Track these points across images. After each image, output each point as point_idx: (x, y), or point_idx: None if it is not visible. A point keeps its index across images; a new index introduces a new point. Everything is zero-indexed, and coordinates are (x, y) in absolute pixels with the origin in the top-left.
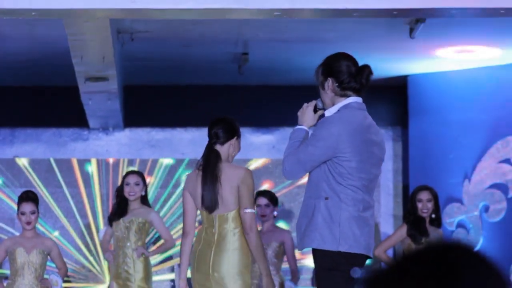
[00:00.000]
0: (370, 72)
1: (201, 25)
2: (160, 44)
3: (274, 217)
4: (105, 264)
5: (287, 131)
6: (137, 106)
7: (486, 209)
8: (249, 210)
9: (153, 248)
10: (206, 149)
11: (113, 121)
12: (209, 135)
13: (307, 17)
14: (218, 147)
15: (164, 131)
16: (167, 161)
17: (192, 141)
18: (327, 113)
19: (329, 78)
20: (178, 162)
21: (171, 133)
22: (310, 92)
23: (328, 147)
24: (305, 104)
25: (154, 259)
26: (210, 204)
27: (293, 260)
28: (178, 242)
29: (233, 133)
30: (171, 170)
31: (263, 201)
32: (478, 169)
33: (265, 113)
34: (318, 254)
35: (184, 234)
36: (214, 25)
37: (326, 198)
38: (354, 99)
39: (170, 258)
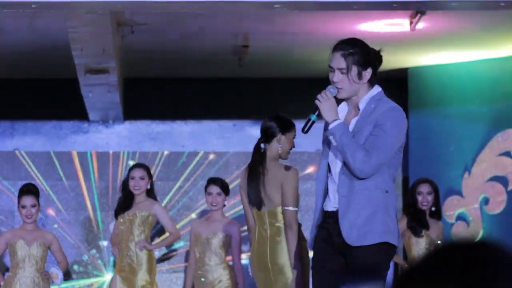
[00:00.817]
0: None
1: (202, 18)
2: (160, 36)
3: (224, 205)
4: (107, 258)
5: None
6: (137, 98)
7: (486, 201)
8: (290, 208)
9: (157, 240)
10: (254, 147)
11: (113, 114)
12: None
13: (307, 9)
14: (265, 145)
15: (164, 123)
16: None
17: (192, 133)
18: (364, 102)
19: (369, 68)
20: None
21: (171, 125)
22: (310, 85)
23: (403, 137)
24: (324, 95)
25: (160, 251)
26: (254, 200)
27: (237, 256)
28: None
29: (277, 130)
30: (172, 162)
31: (214, 189)
32: (478, 161)
33: (265, 106)
34: (383, 247)
35: (248, 230)
36: (215, 17)
37: (387, 191)
38: (380, 88)
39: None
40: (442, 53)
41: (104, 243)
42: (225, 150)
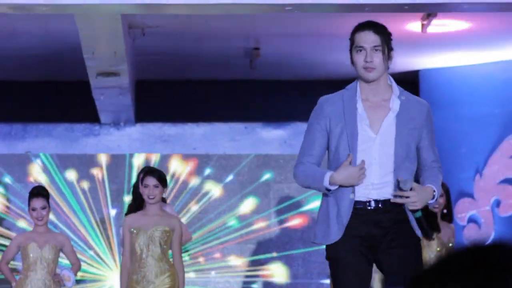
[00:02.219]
0: None
1: (213, 20)
2: (172, 39)
3: (163, 199)
4: (118, 261)
5: (298, 126)
6: (148, 101)
7: (498, 204)
8: None
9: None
10: None
11: (124, 116)
12: None
13: (318, 11)
14: None
15: (176, 126)
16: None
17: (204, 136)
18: (395, 94)
19: (392, 51)
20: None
21: (182, 128)
22: (321, 87)
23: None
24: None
25: None
26: None
27: (178, 252)
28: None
29: None
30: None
31: (151, 181)
32: (490, 163)
33: (276, 108)
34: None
35: None
36: (226, 20)
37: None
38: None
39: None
40: (453, 55)
41: (116, 245)
42: (237, 153)
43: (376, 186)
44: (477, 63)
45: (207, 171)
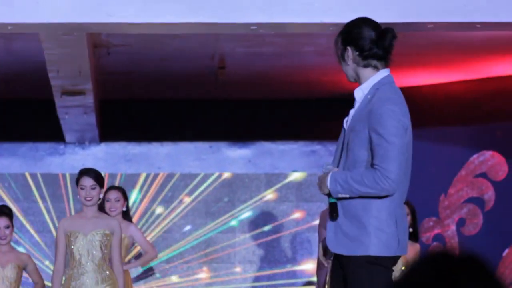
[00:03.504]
0: (394, 36)
1: (178, 39)
2: (136, 58)
3: (99, 200)
4: None
5: (263, 145)
6: (113, 120)
7: (463, 223)
8: None
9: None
10: None
11: (89, 135)
12: None
13: (283, 31)
14: None
15: (141, 145)
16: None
17: (168, 155)
18: (359, 92)
19: (348, 47)
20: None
21: (147, 147)
22: (287, 106)
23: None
24: (318, 181)
25: (135, 272)
26: None
27: (118, 256)
28: (166, 255)
29: None
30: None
31: (88, 182)
32: (454, 183)
33: (241, 127)
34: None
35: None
36: (191, 39)
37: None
38: (386, 72)
39: (151, 269)
40: (418, 75)
41: None
42: (201, 172)
43: None
44: (442, 83)
45: (172, 190)
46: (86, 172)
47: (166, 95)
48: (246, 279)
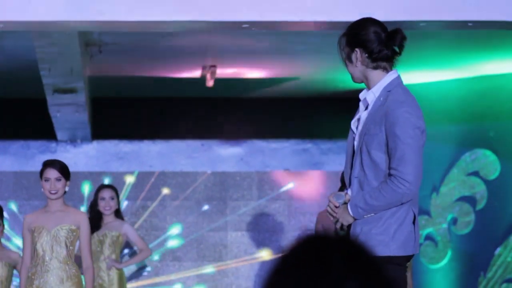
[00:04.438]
0: (404, 37)
1: (170, 38)
2: (128, 56)
3: (65, 192)
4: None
5: (255, 143)
6: (105, 118)
7: (454, 221)
8: None
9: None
10: None
11: (81, 134)
12: None
13: (274, 29)
14: None
15: (132, 143)
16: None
17: (160, 153)
18: (371, 95)
19: (356, 49)
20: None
21: (138, 145)
22: (279, 105)
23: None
24: (330, 209)
25: (129, 269)
26: None
27: (87, 250)
28: (157, 252)
29: None
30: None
31: (53, 174)
32: (446, 181)
33: (233, 125)
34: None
35: None
36: (183, 37)
37: None
38: (395, 73)
39: (144, 267)
40: (409, 73)
41: None
42: (193, 170)
43: None
44: (434, 81)
45: (163, 188)
46: (50, 163)
47: (157, 93)
48: (238, 277)
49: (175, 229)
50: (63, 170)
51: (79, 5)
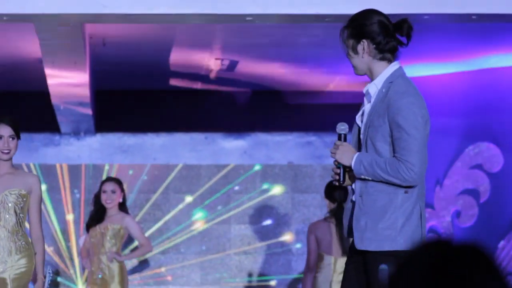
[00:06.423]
0: (410, 27)
1: (174, 30)
2: (132, 49)
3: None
4: (79, 270)
5: (258, 136)
6: (108, 111)
7: (458, 214)
8: None
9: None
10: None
11: (84, 126)
12: None
13: (279, 22)
14: None
15: (136, 136)
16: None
17: (164, 146)
18: (373, 87)
19: (363, 40)
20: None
21: (142, 138)
22: (281, 97)
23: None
24: (334, 145)
25: (131, 263)
26: None
27: (37, 218)
28: (159, 249)
29: None
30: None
31: (6, 131)
32: (450, 174)
33: (237, 118)
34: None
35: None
36: (187, 30)
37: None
38: (397, 65)
39: (146, 261)
40: (412, 66)
41: (77, 256)
42: (197, 163)
43: None
44: (437, 74)
45: (167, 181)
46: (2, 119)
47: (161, 85)
48: (241, 269)
49: (178, 222)
50: (15, 128)
51: None
